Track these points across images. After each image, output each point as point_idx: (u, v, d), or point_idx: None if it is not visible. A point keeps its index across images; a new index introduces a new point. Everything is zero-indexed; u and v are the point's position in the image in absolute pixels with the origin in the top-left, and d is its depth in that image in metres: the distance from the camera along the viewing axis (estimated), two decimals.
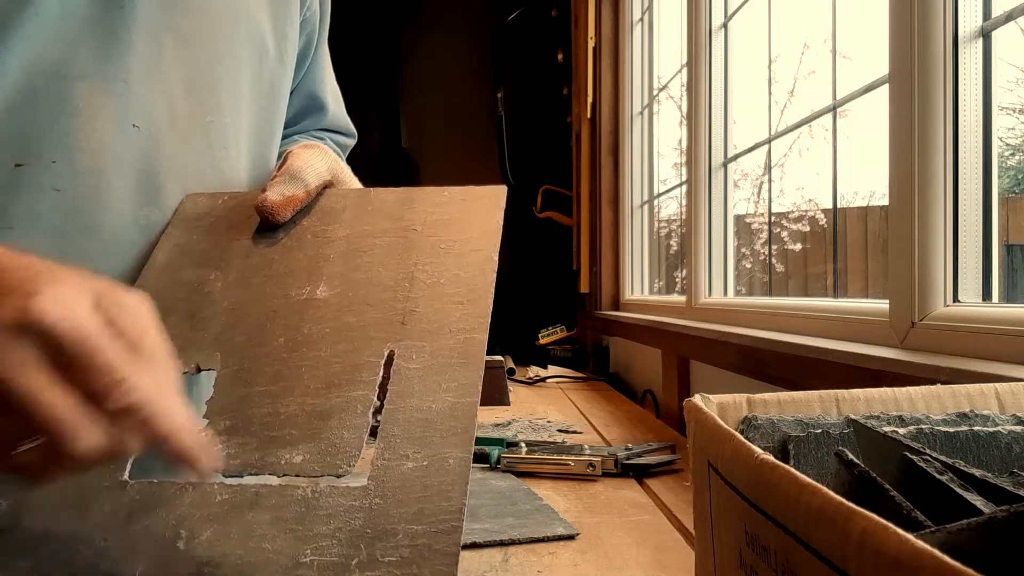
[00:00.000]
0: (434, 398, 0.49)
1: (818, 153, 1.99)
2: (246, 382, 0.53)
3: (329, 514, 0.45)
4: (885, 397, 0.39)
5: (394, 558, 0.43)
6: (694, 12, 1.68)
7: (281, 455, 0.48)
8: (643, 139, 2.39)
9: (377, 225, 0.61)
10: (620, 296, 2.45)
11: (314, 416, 0.50)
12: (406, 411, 0.49)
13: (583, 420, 1.42)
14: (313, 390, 0.51)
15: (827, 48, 1.20)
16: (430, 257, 0.58)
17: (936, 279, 0.80)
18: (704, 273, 1.63)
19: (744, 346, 1.09)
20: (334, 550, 0.44)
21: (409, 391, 0.50)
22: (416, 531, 0.44)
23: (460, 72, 3.43)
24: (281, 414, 0.51)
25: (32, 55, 0.57)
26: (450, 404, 0.49)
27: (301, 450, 0.48)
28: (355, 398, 0.50)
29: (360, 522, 0.45)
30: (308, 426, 0.49)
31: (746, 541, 0.27)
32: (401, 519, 0.44)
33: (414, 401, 0.49)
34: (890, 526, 0.18)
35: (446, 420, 0.48)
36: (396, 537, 0.44)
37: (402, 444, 0.47)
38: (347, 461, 0.47)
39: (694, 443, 0.35)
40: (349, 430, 0.49)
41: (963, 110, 0.80)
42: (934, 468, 0.28)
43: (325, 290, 0.57)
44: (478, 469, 0.99)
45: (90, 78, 0.59)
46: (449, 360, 0.51)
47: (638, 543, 0.71)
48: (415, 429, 0.48)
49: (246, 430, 0.50)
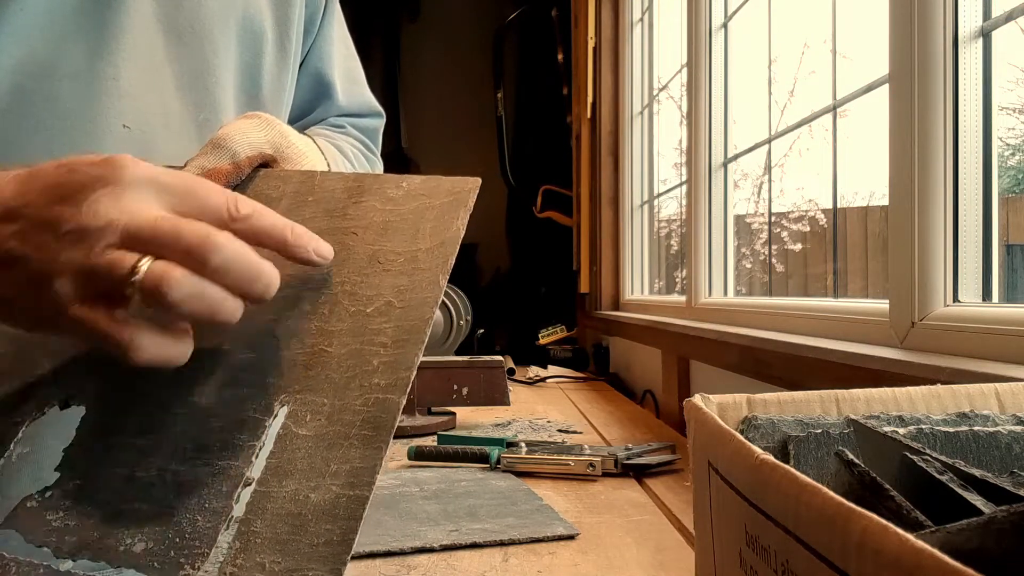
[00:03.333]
0: (316, 484, 0.39)
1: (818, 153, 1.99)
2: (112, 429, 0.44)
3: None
4: (885, 397, 0.39)
5: None
6: (694, 12, 1.68)
7: (123, 539, 0.40)
8: (643, 139, 2.39)
9: (314, 223, 0.49)
10: (620, 296, 2.45)
11: (172, 488, 0.41)
12: (278, 499, 0.39)
13: (583, 420, 1.42)
14: (180, 451, 0.42)
15: (827, 48, 1.20)
16: (362, 275, 0.47)
17: (936, 279, 0.80)
18: (704, 273, 1.63)
19: (744, 346, 1.09)
20: None
21: (290, 469, 0.40)
22: None
23: (460, 72, 3.42)
24: (139, 479, 0.42)
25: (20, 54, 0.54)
26: (333, 497, 0.39)
27: (146, 535, 0.40)
28: (224, 469, 0.41)
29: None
30: (162, 501, 0.41)
31: (746, 541, 0.27)
32: None
33: (291, 485, 0.39)
34: (890, 526, 0.18)
35: (322, 521, 0.38)
36: None
37: (261, 547, 0.38)
38: (192, 562, 0.38)
39: (694, 443, 0.35)
40: (206, 515, 0.40)
41: (963, 110, 0.80)
42: (934, 468, 0.28)
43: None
44: (478, 469, 0.99)
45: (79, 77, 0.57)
46: (349, 430, 0.41)
47: (638, 543, 0.71)
48: (282, 528, 0.38)
49: (94, 496, 0.42)
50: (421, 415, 1.33)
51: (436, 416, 1.34)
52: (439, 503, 0.82)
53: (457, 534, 0.71)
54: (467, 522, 0.75)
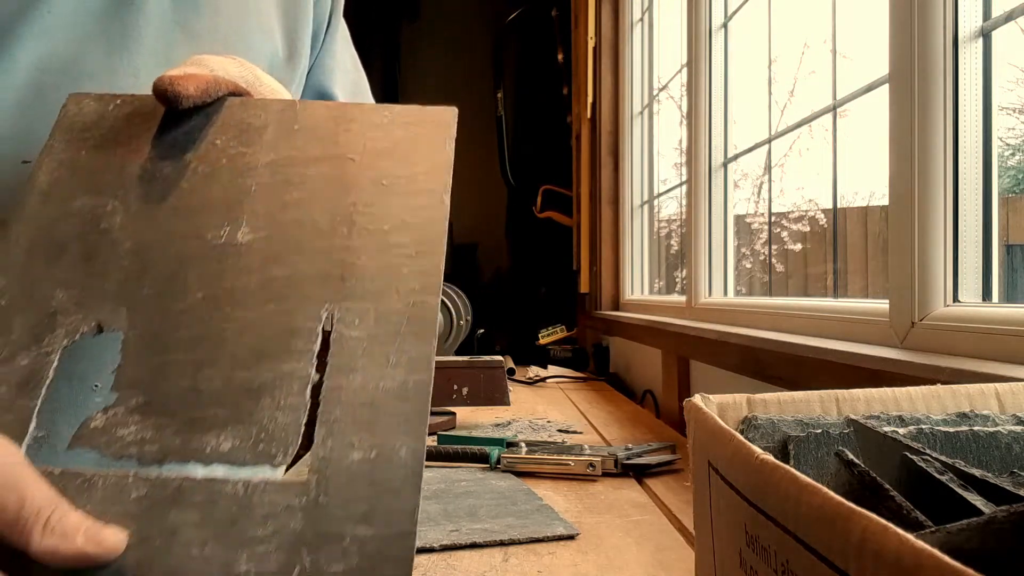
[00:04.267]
0: (382, 374, 0.42)
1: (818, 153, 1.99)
2: (160, 348, 0.44)
3: (266, 515, 0.39)
4: (885, 397, 0.39)
5: (341, 567, 0.37)
6: (694, 12, 1.68)
7: (206, 441, 0.41)
8: (643, 139, 2.39)
9: (307, 151, 0.50)
10: (620, 296, 2.45)
11: (242, 393, 0.42)
12: (350, 390, 0.42)
13: (583, 420, 1.42)
14: (240, 360, 0.43)
15: (827, 48, 1.20)
16: (371, 196, 0.49)
17: (936, 279, 0.80)
18: (704, 273, 1.63)
19: (744, 346, 1.09)
20: (273, 557, 0.38)
21: (352, 365, 0.42)
22: (365, 536, 0.38)
23: (460, 72, 3.42)
24: (203, 390, 0.43)
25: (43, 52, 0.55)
26: (400, 382, 0.42)
27: (229, 435, 0.41)
28: (289, 372, 0.43)
29: (301, 524, 0.39)
30: (236, 405, 0.42)
31: (746, 541, 0.27)
32: (348, 521, 0.39)
33: (358, 378, 0.42)
34: (890, 526, 0.18)
35: (396, 402, 0.41)
36: (343, 542, 0.38)
37: (346, 430, 0.41)
38: (284, 449, 0.41)
39: (694, 443, 0.35)
40: (284, 412, 0.42)
41: (963, 110, 0.80)
42: (934, 468, 0.28)
43: (248, 232, 0.48)
44: (478, 469, 0.99)
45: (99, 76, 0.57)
46: (398, 328, 0.44)
47: (638, 543, 0.71)
48: (361, 412, 0.41)
49: (163, 409, 0.42)
50: None
51: (436, 416, 1.34)
52: (439, 503, 0.82)
53: (457, 534, 0.71)
54: (467, 522, 0.75)
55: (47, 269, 0.46)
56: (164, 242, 0.48)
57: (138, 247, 0.47)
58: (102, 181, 0.50)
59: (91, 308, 0.45)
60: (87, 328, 0.45)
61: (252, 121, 0.52)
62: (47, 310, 0.45)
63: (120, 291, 0.46)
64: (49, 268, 0.46)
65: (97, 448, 0.42)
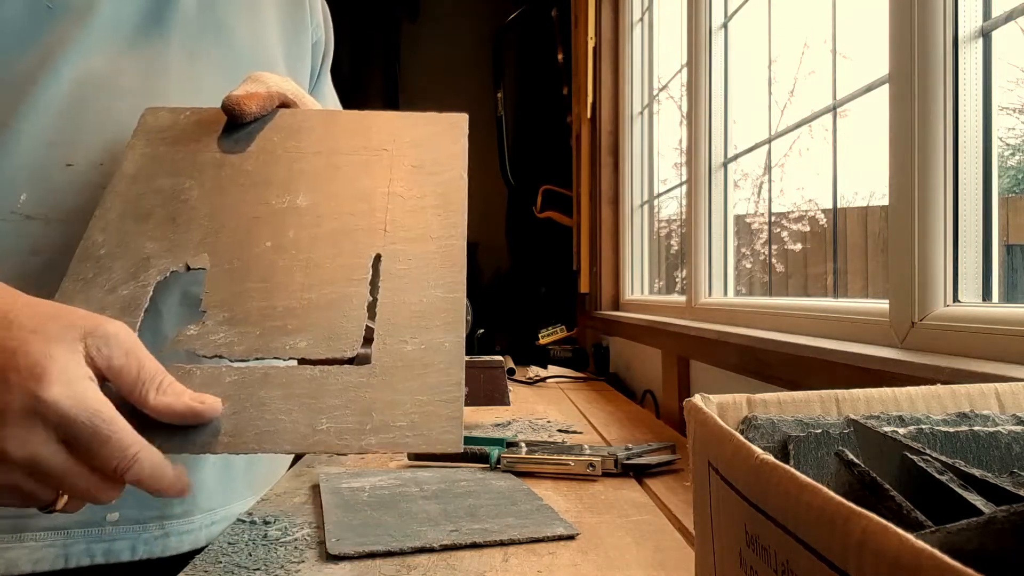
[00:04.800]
0: (424, 294, 0.53)
1: (818, 153, 1.99)
2: (239, 280, 0.54)
3: (340, 389, 0.48)
4: (885, 397, 0.39)
5: (404, 423, 0.46)
6: (694, 12, 1.68)
7: (284, 341, 0.50)
8: (643, 139, 2.39)
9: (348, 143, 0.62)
10: (620, 296, 2.45)
11: (311, 308, 0.52)
12: (400, 304, 0.52)
13: (583, 420, 1.42)
14: (307, 286, 0.53)
15: (827, 48, 1.20)
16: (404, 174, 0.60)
17: (936, 279, 0.80)
18: (704, 273, 1.63)
19: (744, 346, 1.09)
20: (349, 418, 0.47)
21: (401, 287, 0.53)
22: (422, 400, 0.47)
23: (460, 72, 3.42)
24: (278, 307, 0.52)
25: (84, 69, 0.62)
26: (440, 298, 0.52)
27: (303, 337, 0.50)
28: (349, 293, 0.53)
29: (369, 394, 0.48)
30: (307, 317, 0.51)
31: (746, 541, 0.27)
32: (407, 391, 0.48)
33: (406, 296, 0.53)
34: (890, 526, 0.18)
35: (438, 312, 0.52)
36: (404, 406, 0.47)
37: (400, 331, 0.51)
38: (351, 346, 0.50)
39: (694, 443, 0.35)
40: (348, 320, 0.51)
41: (963, 110, 0.80)
42: (934, 468, 0.28)
43: (305, 199, 0.59)
44: (478, 469, 0.99)
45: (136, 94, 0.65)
46: (433, 262, 0.54)
47: (638, 543, 0.71)
48: (411, 319, 0.51)
49: (245, 321, 0.52)
50: None
51: None
52: (439, 503, 0.82)
53: (457, 534, 0.71)
54: (467, 522, 0.75)
55: (138, 228, 0.56)
56: (235, 208, 0.58)
57: (214, 212, 0.58)
58: (179, 167, 0.60)
59: (178, 255, 0.55)
60: (177, 267, 0.55)
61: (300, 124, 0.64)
62: (141, 255, 0.55)
63: (202, 242, 0.56)
64: (139, 227, 0.57)
65: (193, 348, 0.51)
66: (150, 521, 0.65)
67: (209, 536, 0.71)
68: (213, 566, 0.65)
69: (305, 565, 0.65)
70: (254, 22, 0.76)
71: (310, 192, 0.59)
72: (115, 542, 0.63)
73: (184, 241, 0.57)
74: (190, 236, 0.57)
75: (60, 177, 0.62)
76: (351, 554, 0.67)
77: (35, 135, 0.61)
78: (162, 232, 0.57)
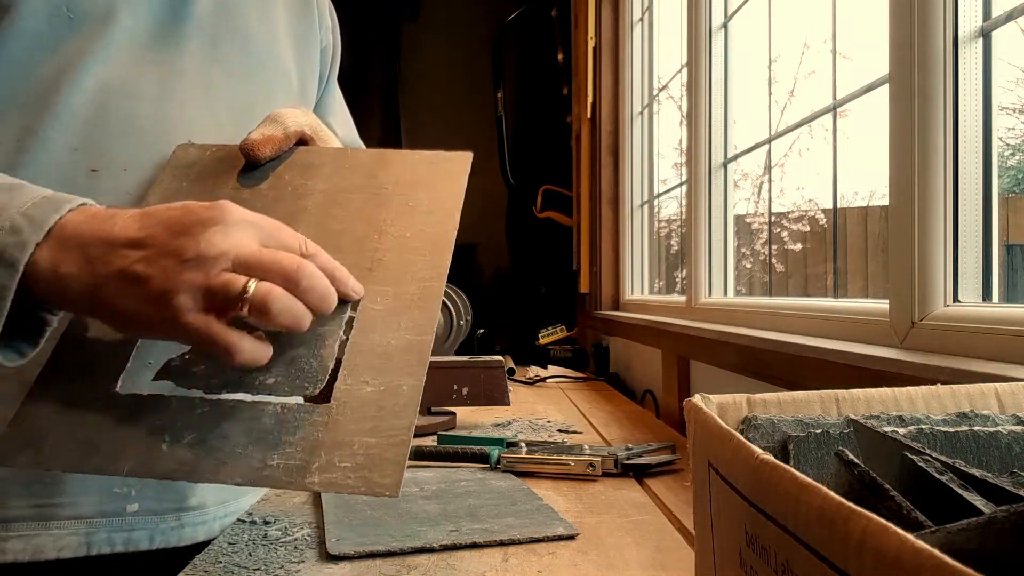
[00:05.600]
0: (393, 335, 0.55)
1: (818, 153, 1.99)
2: None
3: (295, 426, 0.52)
4: (885, 397, 0.39)
5: (349, 464, 0.49)
6: (694, 12, 1.68)
7: (256, 377, 0.54)
8: (643, 139, 2.39)
9: (352, 182, 0.66)
10: (620, 296, 2.45)
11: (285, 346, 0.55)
12: (368, 345, 0.55)
13: (583, 420, 1.42)
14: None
15: (827, 48, 1.20)
16: (399, 214, 0.63)
17: (936, 279, 0.80)
18: (704, 273, 1.63)
19: (744, 346, 1.09)
20: (298, 456, 0.50)
21: (372, 328, 0.56)
22: (370, 443, 0.50)
23: (460, 72, 3.42)
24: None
25: (104, 76, 0.65)
26: (407, 341, 0.55)
27: (274, 374, 0.54)
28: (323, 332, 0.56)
29: (322, 434, 0.51)
30: (280, 354, 0.55)
31: (746, 541, 0.27)
32: (358, 432, 0.50)
33: (376, 337, 0.55)
34: (890, 526, 0.18)
35: (402, 354, 0.54)
36: (352, 447, 0.50)
37: (363, 372, 0.53)
38: (313, 384, 0.53)
39: (694, 443, 0.35)
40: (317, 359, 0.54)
41: (963, 110, 0.80)
42: (934, 468, 0.28)
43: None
44: (478, 469, 0.99)
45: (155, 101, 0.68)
46: (409, 304, 0.57)
47: (638, 543, 0.71)
48: (375, 360, 0.54)
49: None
50: (421, 415, 1.33)
51: (436, 416, 1.34)
52: (439, 503, 0.82)
53: (457, 534, 0.71)
54: (467, 522, 0.75)
55: None
56: None
57: None
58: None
59: None
60: None
61: (313, 161, 0.68)
62: None
63: None
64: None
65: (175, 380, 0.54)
66: (167, 512, 0.68)
67: (223, 527, 0.74)
68: (213, 566, 0.65)
69: (305, 565, 0.65)
70: (267, 28, 0.78)
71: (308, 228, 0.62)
72: (134, 531, 0.66)
73: None
74: None
75: (85, 183, 0.64)
76: (351, 554, 0.67)
77: (60, 142, 0.63)
78: None
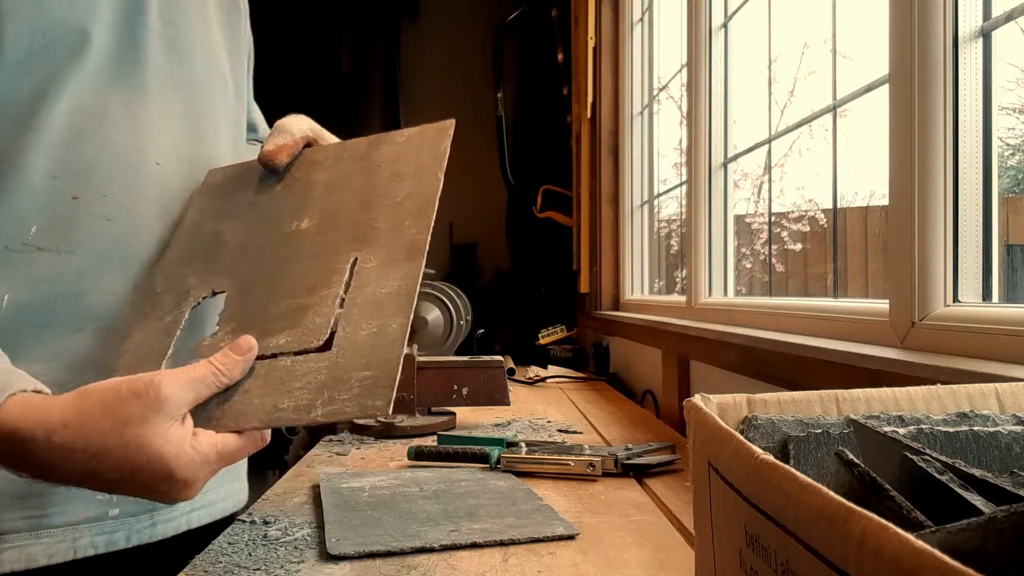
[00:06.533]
0: (384, 285, 0.64)
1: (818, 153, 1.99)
2: (247, 293, 0.69)
3: (303, 373, 0.60)
4: (885, 397, 0.39)
5: (347, 396, 0.57)
6: (694, 12, 1.68)
7: (270, 340, 0.64)
8: (643, 139, 2.39)
9: (349, 168, 0.75)
10: (620, 296, 2.45)
11: (295, 311, 0.65)
12: (363, 298, 0.64)
13: (583, 420, 1.42)
14: (295, 294, 0.67)
15: (827, 48, 1.20)
16: (388, 184, 0.72)
17: (936, 279, 0.80)
18: (704, 273, 1.63)
19: (744, 346, 1.09)
20: (305, 397, 0.59)
21: (367, 283, 0.65)
22: (365, 376, 0.58)
23: (460, 72, 3.42)
24: (272, 312, 0.67)
25: (78, 100, 0.67)
26: (396, 287, 0.63)
27: (285, 335, 0.64)
28: (325, 295, 0.66)
29: (325, 376, 0.59)
30: (291, 319, 0.65)
31: (746, 541, 0.27)
32: (355, 369, 0.59)
33: (369, 288, 0.64)
34: (890, 526, 0.18)
35: (392, 299, 0.62)
36: (350, 383, 0.58)
37: (358, 320, 0.62)
38: (317, 337, 0.63)
39: (694, 443, 0.35)
40: (320, 316, 0.64)
41: (963, 110, 0.80)
42: (934, 468, 0.28)
43: (308, 222, 0.73)
44: (478, 469, 0.99)
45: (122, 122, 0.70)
46: (399, 256, 0.65)
47: (638, 543, 0.71)
48: (369, 307, 0.63)
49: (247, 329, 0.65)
50: (421, 415, 1.33)
51: (436, 416, 1.34)
52: (439, 503, 0.82)
53: (457, 534, 0.71)
54: (467, 522, 0.75)
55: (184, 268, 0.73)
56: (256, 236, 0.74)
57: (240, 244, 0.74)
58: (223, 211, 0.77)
59: (210, 282, 0.71)
60: (207, 294, 0.71)
61: (316, 157, 0.78)
62: (184, 289, 0.71)
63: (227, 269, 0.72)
64: (186, 268, 0.73)
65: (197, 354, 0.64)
66: (141, 513, 0.72)
67: (190, 522, 0.78)
68: (213, 566, 0.65)
69: (305, 565, 0.65)
70: (206, 35, 0.81)
71: (314, 215, 0.73)
72: (114, 533, 0.70)
73: (215, 270, 0.72)
74: (220, 265, 0.72)
75: (66, 210, 0.67)
76: (351, 554, 0.67)
77: (40, 169, 0.65)
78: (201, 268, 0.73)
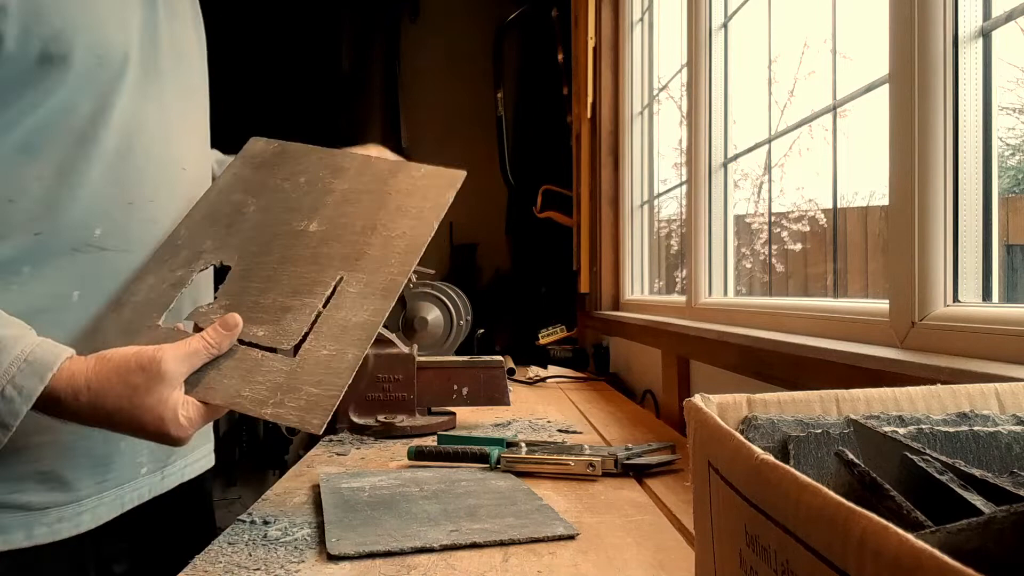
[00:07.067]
0: (355, 314, 0.71)
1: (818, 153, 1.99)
2: (247, 279, 0.76)
3: (266, 371, 0.68)
4: (885, 397, 0.39)
5: (293, 404, 0.65)
6: (694, 12, 1.68)
7: (251, 329, 0.71)
8: (643, 139, 2.39)
9: (367, 185, 0.82)
10: (620, 296, 2.45)
11: (279, 309, 0.72)
12: (335, 318, 0.71)
13: (583, 420, 1.42)
14: (285, 292, 0.74)
15: (827, 48, 1.20)
16: (392, 216, 0.79)
17: (936, 279, 0.80)
18: (704, 273, 1.63)
19: (744, 346, 1.09)
20: (263, 392, 0.66)
21: (343, 306, 0.72)
22: (312, 392, 0.66)
23: (460, 72, 3.42)
24: (261, 304, 0.73)
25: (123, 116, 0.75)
26: (363, 320, 0.70)
27: (264, 328, 0.71)
28: (307, 303, 0.73)
29: (283, 380, 0.67)
30: (273, 314, 0.72)
31: (746, 541, 0.27)
32: (307, 383, 0.67)
33: (342, 313, 0.72)
34: (890, 526, 0.18)
35: (357, 330, 0.70)
36: (300, 393, 0.66)
37: (324, 339, 0.70)
38: (289, 340, 0.70)
39: (694, 443, 0.35)
40: (296, 322, 0.71)
41: (963, 110, 0.80)
42: (934, 468, 0.28)
43: (317, 226, 0.79)
44: (478, 469, 0.99)
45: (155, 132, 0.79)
46: (375, 291, 0.72)
47: (638, 543, 0.71)
48: (335, 331, 0.70)
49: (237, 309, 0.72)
50: (421, 415, 1.33)
51: (436, 416, 1.33)
52: (439, 503, 0.82)
53: (457, 534, 0.71)
54: (467, 522, 0.75)
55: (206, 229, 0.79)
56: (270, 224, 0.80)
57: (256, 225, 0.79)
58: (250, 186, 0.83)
59: (221, 252, 0.78)
60: (216, 263, 0.77)
61: (344, 164, 0.85)
62: (199, 249, 0.78)
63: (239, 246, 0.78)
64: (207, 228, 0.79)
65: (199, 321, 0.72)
66: (155, 471, 0.84)
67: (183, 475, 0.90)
68: (213, 566, 0.65)
69: (305, 565, 0.65)
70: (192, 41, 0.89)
71: (323, 220, 0.79)
72: (142, 488, 0.82)
73: (229, 243, 0.78)
74: (234, 240, 0.78)
75: (122, 214, 0.76)
76: (351, 554, 0.67)
77: (99, 178, 0.73)
78: (219, 234, 0.79)
